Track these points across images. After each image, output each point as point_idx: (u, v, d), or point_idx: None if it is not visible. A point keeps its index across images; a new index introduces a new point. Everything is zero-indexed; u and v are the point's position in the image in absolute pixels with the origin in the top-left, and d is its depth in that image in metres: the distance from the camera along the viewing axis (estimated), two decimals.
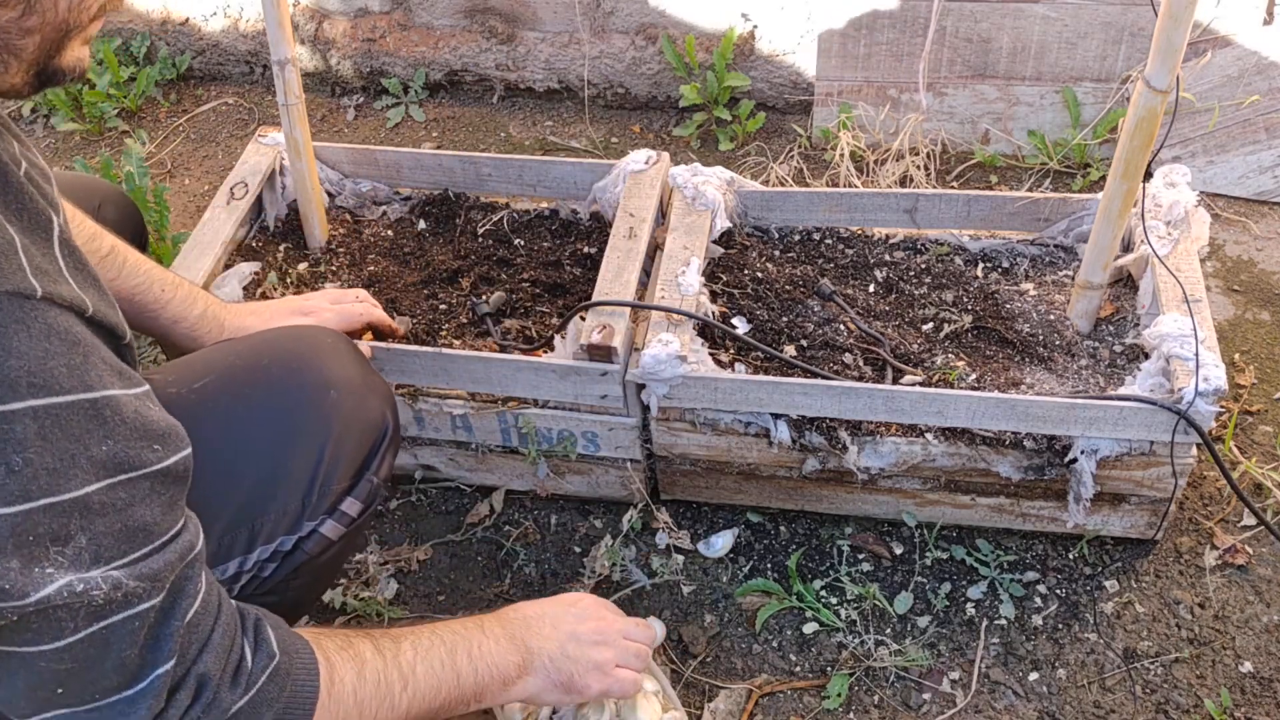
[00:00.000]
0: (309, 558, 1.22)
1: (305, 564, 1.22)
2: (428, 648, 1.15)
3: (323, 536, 1.23)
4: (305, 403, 1.19)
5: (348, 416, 1.22)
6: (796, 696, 1.62)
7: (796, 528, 1.81)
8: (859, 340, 1.73)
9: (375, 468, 1.27)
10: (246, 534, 1.16)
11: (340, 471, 1.22)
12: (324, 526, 1.23)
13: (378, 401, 1.28)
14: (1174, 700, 1.58)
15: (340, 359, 1.25)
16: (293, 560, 1.21)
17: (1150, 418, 1.53)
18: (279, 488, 1.17)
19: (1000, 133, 2.43)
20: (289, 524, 1.19)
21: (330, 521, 1.23)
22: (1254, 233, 2.24)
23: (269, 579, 1.21)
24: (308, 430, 1.19)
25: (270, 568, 1.20)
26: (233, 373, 1.21)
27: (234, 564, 1.16)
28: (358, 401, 1.24)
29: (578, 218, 2.00)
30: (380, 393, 1.29)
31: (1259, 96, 2.28)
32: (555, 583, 1.77)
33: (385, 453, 1.28)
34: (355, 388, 1.24)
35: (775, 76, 2.57)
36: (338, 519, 1.24)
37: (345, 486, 1.24)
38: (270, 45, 1.70)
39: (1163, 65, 1.40)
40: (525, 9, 2.64)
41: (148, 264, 1.46)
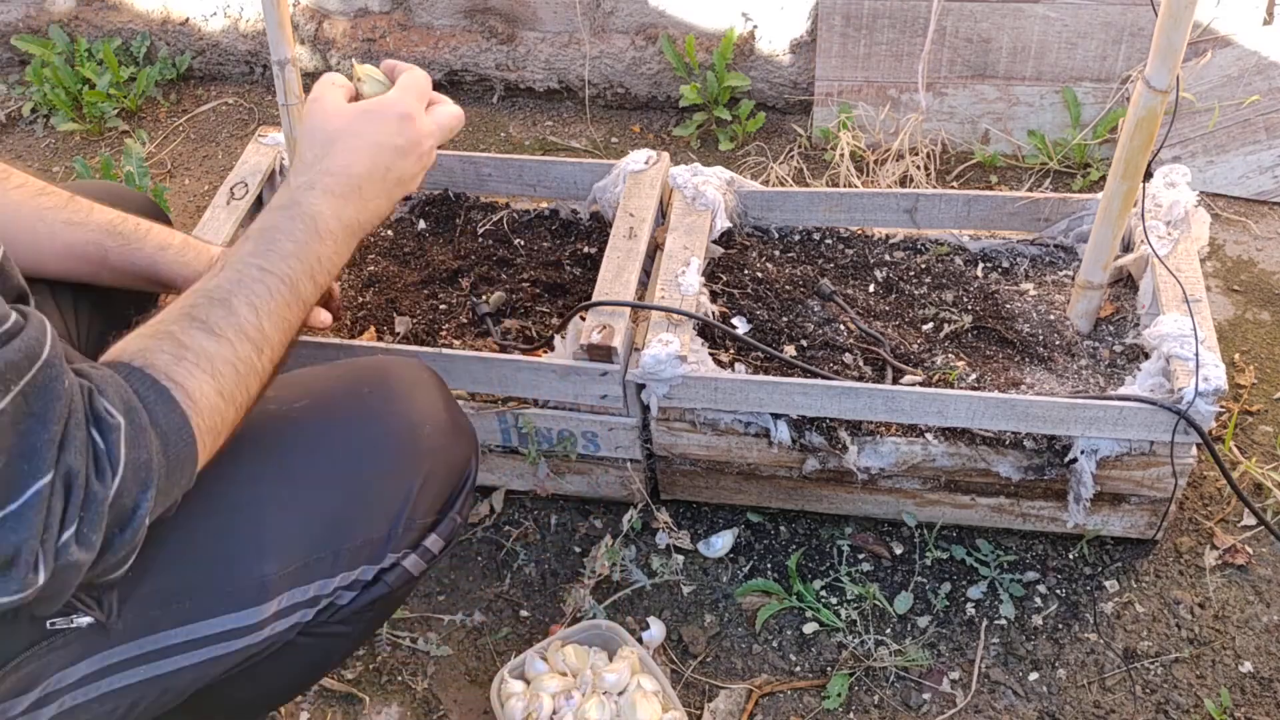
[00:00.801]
0: (389, 590, 1.21)
1: (383, 596, 1.21)
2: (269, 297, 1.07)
3: (405, 570, 1.22)
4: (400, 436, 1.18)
5: (438, 455, 1.22)
6: (796, 696, 1.62)
7: (796, 528, 1.81)
8: (859, 340, 1.73)
9: (458, 508, 1.27)
10: (331, 556, 1.14)
11: (426, 507, 1.21)
12: (407, 560, 1.22)
13: (464, 444, 1.27)
14: (1174, 700, 1.58)
15: (432, 397, 1.24)
16: (371, 592, 1.20)
17: (1150, 418, 1.53)
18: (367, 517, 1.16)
19: (1000, 133, 2.43)
20: (371, 553, 1.18)
21: (414, 556, 1.22)
22: (1254, 233, 2.24)
23: (344, 608, 1.20)
24: (401, 463, 1.18)
25: (348, 596, 1.19)
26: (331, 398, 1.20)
27: (315, 585, 1.15)
28: (447, 441, 1.23)
29: (578, 218, 2.00)
30: (467, 435, 1.29)
31: (1259, 96, 2.28)
32: (555, 583, 1.77)
33: (467, 494, 1.28)
34: (445, 427, 1.23)
35: (775, 76, 2.57)
36: (421, 554, 1.23)
37: (430, 522, 1.23)
38: (270, 45, 1.70)
39: (1163, 65, 1.40)
40: (525, 9, 2.64)
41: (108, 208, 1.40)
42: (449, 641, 1.70)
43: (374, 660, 1.69)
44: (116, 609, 1.04)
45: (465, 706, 1.63)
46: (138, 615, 1.05)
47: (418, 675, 1.67)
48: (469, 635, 1.72)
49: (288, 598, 1.13)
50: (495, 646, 1.70)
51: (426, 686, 1.65)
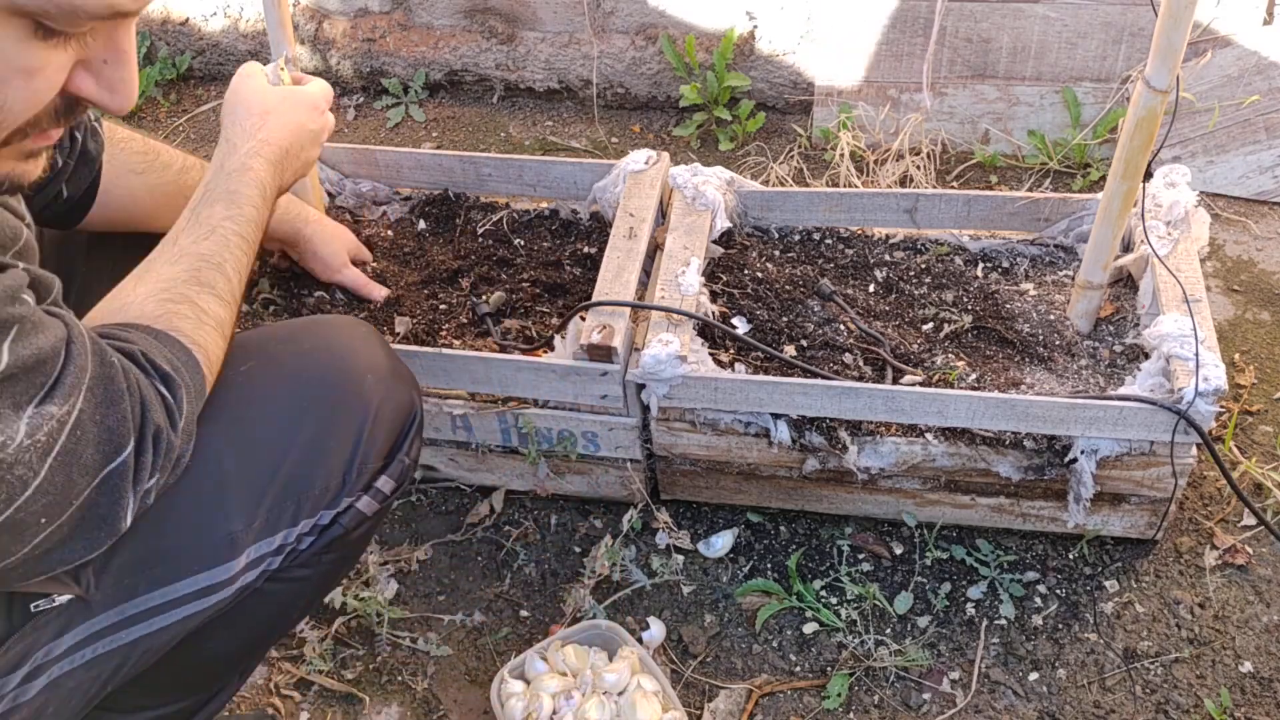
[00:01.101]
0: (344, 531, 1.27)
1: (339, 538, 1.27)
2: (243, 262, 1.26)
3: (358, 511, 1.28)
4: (345, 385, 1.25)
5: (382, 400, 1.28)
6: (796, 696, 1.62)
7: (796, 528, 1.81)
8: (859, 340, 1.73)
9: (406, 449, 1.33)
10: (293, 507, 1.20)
11: (376, 450, 1.27)
12: (360, 502, 1.27)
13: (407, 388, 1.34)
14: (1174, 700, 1.58)
15: (372, 347, 1.32)
16: (329, 534, 1.26)
17: (1150, 418, 1.53)
18: (322, 463, 1.22)
19: (1000, 133, 2.43)
20: (329, 499, 1.24)
21: (366, 497, 1.28)
22: (1254, 233, 2.24)
23: (304, 551, 1.25)
24: (348, 411, 1.24)
25: (308, 541, 1.25)
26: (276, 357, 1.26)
27: (279, 536, 1.20)
28: (390, 387, 1.30)
29: (578, 218, 2.00)
30: (408, 380, 1.36)
31: (1259, 96, 2.28)
32: (555, 583, 1.77)
33: (415, 435, 1.34)
34: (387, 374, 1.30)
35: (775, 76, 2.57)
36: (373, 495, 1.29)
37: (380, 465, 1.29)
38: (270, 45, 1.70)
39: (1163, 65, 1.40)
40: (525, 9, 2.64)
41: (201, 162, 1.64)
42: (449, 641, 1.70)
43: (374, 660, 1.69)
44: (94, 582, 1.09)
45: (465, 706, 1.63)
46: (115, 584, 1.10)
47: (418, 675, 1.67)
48: (469, 635, 1.72)
49: (255, 550, 1.18)
50: (495, 646, 1.70)
51: (426, 686, 1.65)
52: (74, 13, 0.80)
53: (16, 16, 0.78)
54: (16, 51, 0.80)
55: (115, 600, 1.11)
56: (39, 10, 0.78)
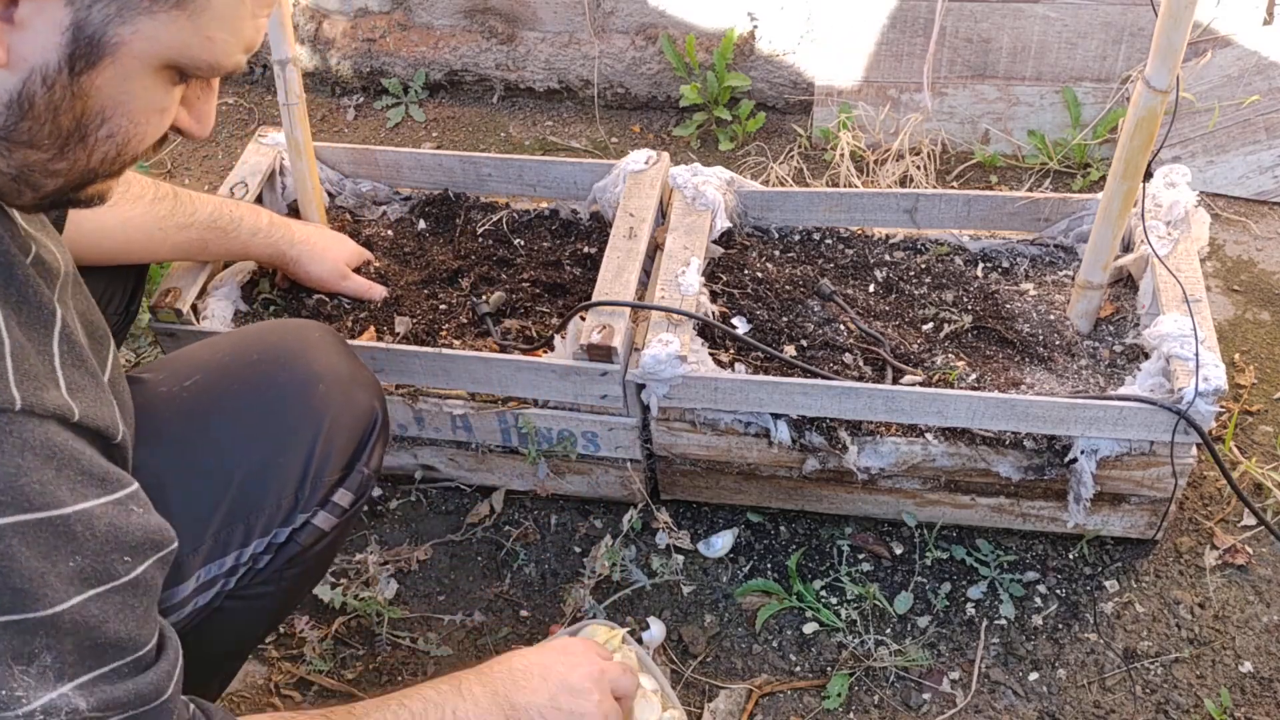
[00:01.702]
0: (302, 549, 1.23)
1: (298, 555, 1.23)
2: None
3: (315, 528, 1.24)
4: (295, 397, 1.20)
5: (337, 409, 1.23)
6: (796, 696, 1.62)
7: (796, 528, 1.81)
8: (859, 340, 1.73)
9: (366, 459, 1.28)
10: (243, 528, 1.17)
11: (332, 464, 1.23)
12: (316, 518, 1.24)
13: (365, 393, 1.29)
14: (1174, 700, 1.58)
15: (327, 352, 1.27)
16: (286, 551, 1.23)
17: (1150, 418, 1.53)
18: (272, 482, 1.18)
19: (1000, 133, 2.43)
20: (283, 516, 1.20)
21: (323, 513, 1.24)
22: (1254, 233, 2.24)
23: (263, 570, 1.22)
24: (299, 424, 1.20)
25: (265, 559, 1.22)
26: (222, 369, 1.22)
27: (230, 557, 1.17)
28: (346, 394, 1.25)
29: (578, 218, 2.00)
30: (367, 384, 1.30)
31: (1259, 96, 2.28)
32: (555, 583, 1.77)
33: (375, 444, 1.29)
34: (343, 380, 1.25)
35: (775, 76, 2.57)
36: (330, 510, 1.25)
37: (337, 478, 1.25)
38: (271, 45, 1.70)
39: (1163, 65, 1.40)
40: (525, 9, 2.64)
41: (205, 195, 1.64)
42: (449, 641, 1.70)
43: (374, 660, 1.69)
44: None
45: None
46: None
47: (418, 675, 1.67)
48: (469, 635, 1.72)
49: (204, 573, 1.15)
50: (495, 646, 1.70)
51: None
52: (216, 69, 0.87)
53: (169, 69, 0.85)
54: (160, 96, 0.87)
55: None
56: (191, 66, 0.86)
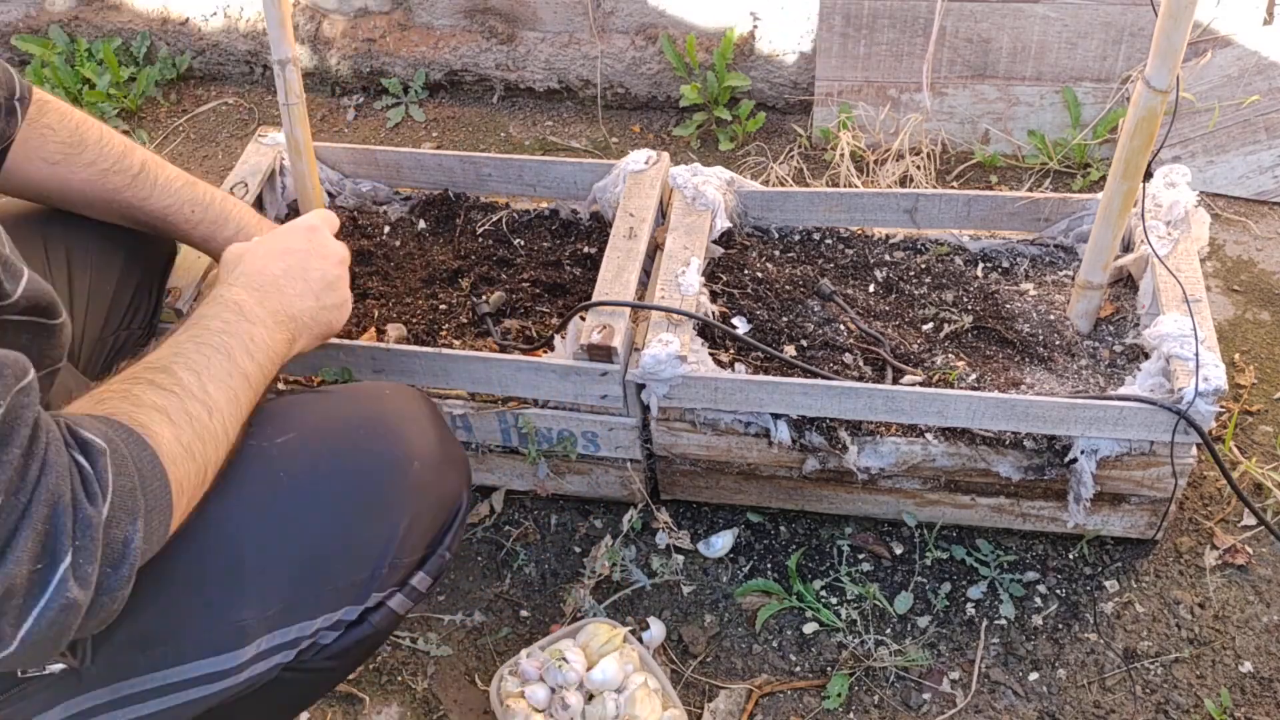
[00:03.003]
0: (373, 630, 1.19)
1: (368, 636, 1.19)
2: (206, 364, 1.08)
3: (391, 611, 1.20)
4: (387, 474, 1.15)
5: (427, 492, 1.18)
6: (796, 696, 1.62)
7: (796, 528, 1.81)
8: (859, 340, 1.73)
9: (448, 543, 1.24)
10: (313, 600, 1.12)
11: (412, 545, 1.18)
12: (393, 600, 1.19)
13: (455, 476, 1.24)
14: (1174, 700, 1.58)
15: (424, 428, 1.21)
16: (355, 632, 1.18)
17: (1150, 418, 1.53)
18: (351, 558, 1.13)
19: (1000, 133, 2.43)
20: (355, 594, 1.15)
21: (399, 595, 1.20)
22: (1254, 233, 2.24)
23: (328, 646, 1.17)
24: (386, 503, 1.15)
25: (331, 636, 1.17)
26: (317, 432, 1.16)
27: (295, 628, 1.12)
28: (437, 476, 1.20)
29: (578, 218, 2.00)
30: (458, 466, 1.25)
31: (1259, 96, 2.28)
32: (555, 582, 1.77)
33: (458, 528, 1.25)
34: (435, 463, 1.20)
35: (775, 76, 2.57)
36: (407, 594, 1.21)
37: (417, 559, 1.20)
38: (271, 45, 1.70)
39: (1163, 65, 1.40)
40: (525, 9, 2.64)
41: (180, 181, 1.50)
42: (449, 641, 1.70)
43: (374, 660, 1.69)
44: (90, 654, 1.02)
45: (465, 706, 1.63)
46: (111, 660, 1.03)
47: (418, 675, 1.67)
48: (469, 635, 1.72)
49: (267, 640, 1.11)
50: (495, 646, 1.70)
51: (426, 686, 1.65)
52: None
53: None
54: None
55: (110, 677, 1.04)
56: None
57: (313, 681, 1.22)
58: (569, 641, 1.59)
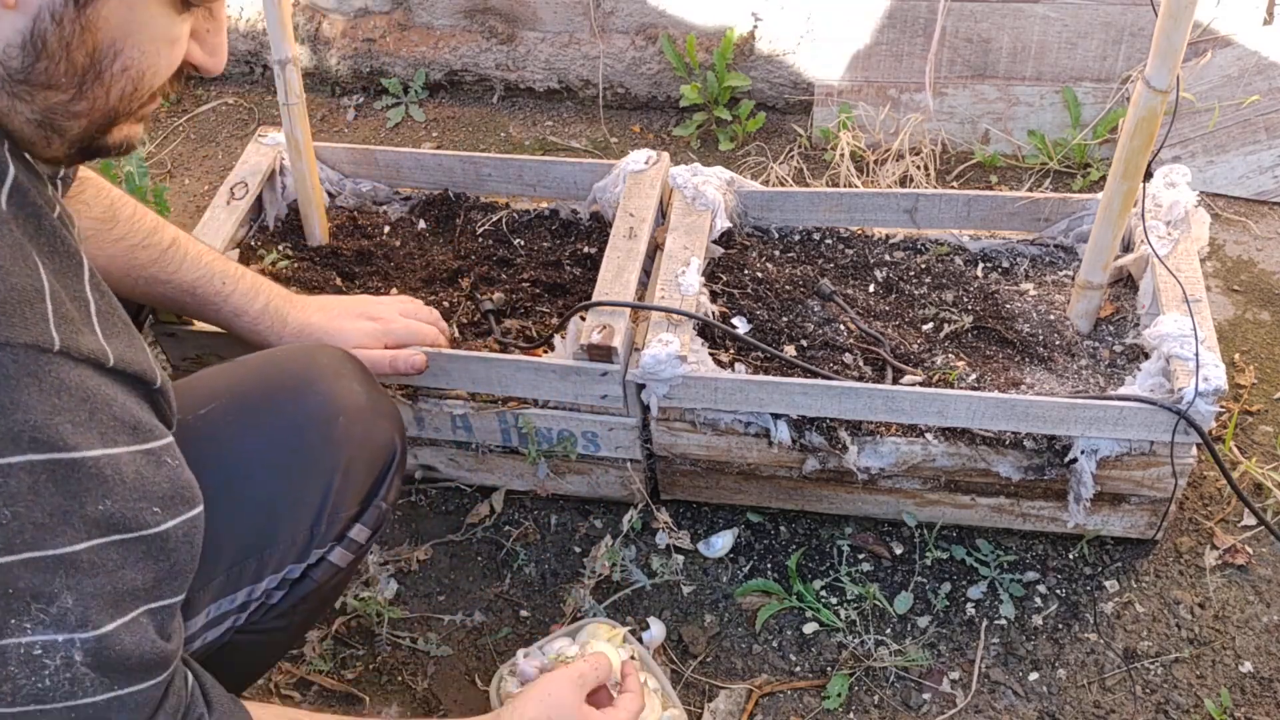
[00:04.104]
0: (317, 585, 1.21)
1: (313, 591, 1.21)
2: None
3: (331, 564, 1.21)
4: (314, 431, 1.16)
5: (357, 443, 1.19)
6: (796, 696, 1.62)
7: (796, 528, 1.81)
8: (859, 340, 1.73)
9: (384, 493, 1.25)
10: (255, 564, 1.14)
11: (349, 499, 1.20)
12: (333, 554, 1.21)
13: (386, 424, 1.25)
14: (1174, 700, 1.58)
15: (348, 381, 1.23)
16: (301, 588, 1.20)
17: (1150, 418, 1.53)
18: (287, 518, 1.15)
19: (1000, 133, 2.43)
20: (297, 553, 1.17)
21: (339, 549, 1.22)
22: (1254, 233, 2.24)
23: (276, 605, 1.19)
24: (316, 460, 1.16)
25: (278, 595, 1.19)
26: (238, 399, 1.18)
27: (242, 593, 1.14)
28: (366, 427, 1.21)
29: (578, 218, 2.00)
30: (388, 414, 1.26)
31: (1259, 96, 2.28)
32: (555, 582, 1.77)
33: (393, 477, 1.26)
34: (364, 412, 1.21)
35: (775, 76, 2.57)
36: (346, 546, 1.22)
37: (354, 513, 1.22)
38: (271, 45, 1.70)
39: (1163, 65, 1.40)
40: (525, 9, 2.64)
41: (210, 256, 1.49)
42: (449, 641, 1.70)
43: (374, 660, 1.69)
44: None
45: (465, 706, 1.63)
46: None
47: (418, 675, 1.67)
48: (469, 635, 1.72)
49: (215, 608, 1.12)
50: (495, 646, 1.70)
51: (426, 686, 1.65)
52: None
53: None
54: (166, 25, 0.87)
55: None
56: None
57: (265, 643, 1.23)
58: (567, 641, 1.59)
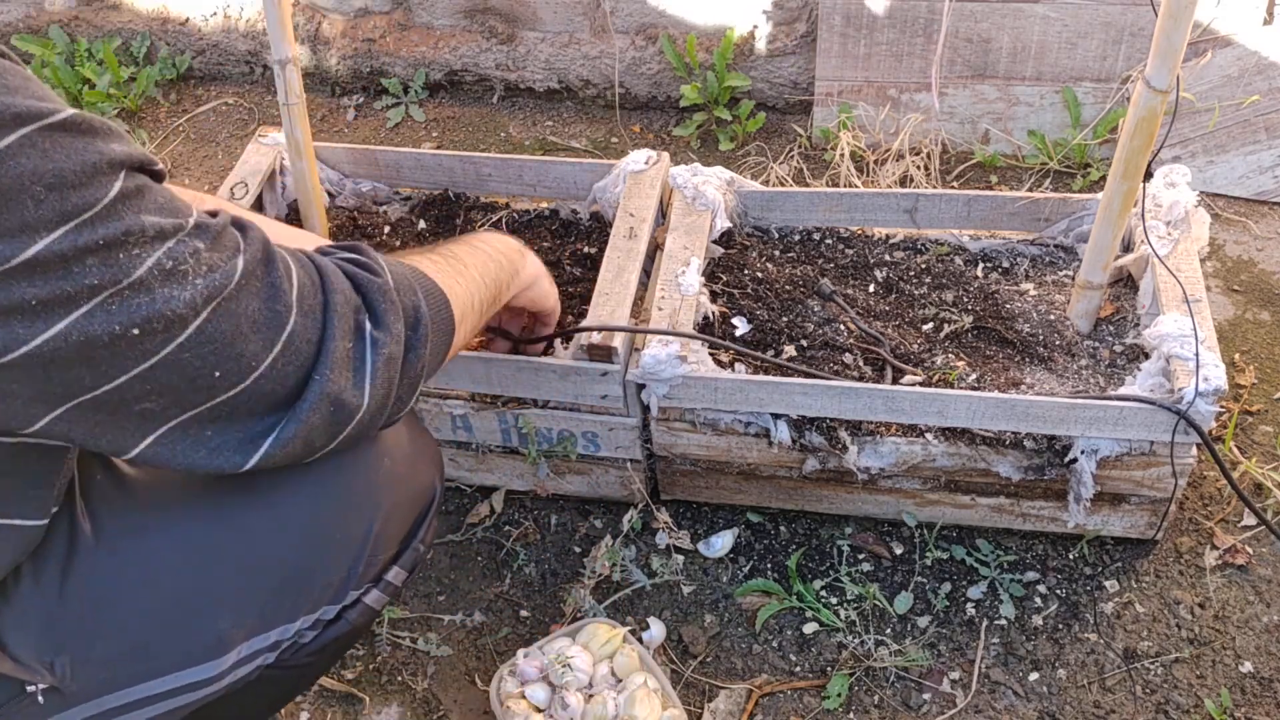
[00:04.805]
0: (350, 627, 1.20)
1: (346, 633, 1.20)
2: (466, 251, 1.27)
3: (367, 606, 1.20)
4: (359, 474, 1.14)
5: (399, 487, 1.18)
6: (796, 696, 1.62)
7: (796, 528, 1.81)
8: (859, 340, 1.73)
9: (422, 535, 1.24)
10: (290, 604, 1.13)
11: (387, 541, 1.18)
12: (369, 596, 1.20)
13: (428, 468, 1.24)
14: (1174, 700, 1.58)
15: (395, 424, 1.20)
16: (335, 629, 1.19)
17: (1150, 418, 1.53)
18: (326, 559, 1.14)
19: (1000, 133, 2.43)
20: (332, 594, 1.16)
21: (375, 591, 1.20)
22: (1254, 233, 2.24)
23: (306, 645, 1.18)
24: (359, 503, 1.14)
25: (309, 635, 1.18)
26: None
27: (275, 632, 1.13)
28: (410, 469, 1.20)
29: (578, 218, 2.00)
30: (430, 457, 1.25)
31: (1259, 96, 2.28)
32: (555, 582, 1.77)
33: (431, 519, 1.25)
34: (407, 455, 1.19)
35: (775, 76, 2.57)
36: (383, 589, 1.21)
37: (391, 555, 1.20)
38: (271, 45, 1.70)
39: (1163, 65, 1.40)
40: (525, 9, 2.64)
41: None
42: (449, 641, 1.70)
43: (374, 660, 1.69)
44: (70, 672, 1.03)
45: (465, 706, 1.63)
46: (92, 677, 1.04)
47: (418, 675, 1.67)
48: (469, 635, 1.72)
49: (247, 647, 1.11)
50: (495, 646, 1.70)
51: (426, 686, 1.65)
52: None
53: None
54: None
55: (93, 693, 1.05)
56: None
57: (294, 678, 1.23)
58: (567, 641, 1.59)
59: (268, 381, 0.93)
